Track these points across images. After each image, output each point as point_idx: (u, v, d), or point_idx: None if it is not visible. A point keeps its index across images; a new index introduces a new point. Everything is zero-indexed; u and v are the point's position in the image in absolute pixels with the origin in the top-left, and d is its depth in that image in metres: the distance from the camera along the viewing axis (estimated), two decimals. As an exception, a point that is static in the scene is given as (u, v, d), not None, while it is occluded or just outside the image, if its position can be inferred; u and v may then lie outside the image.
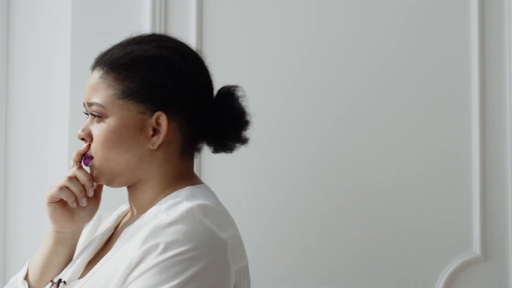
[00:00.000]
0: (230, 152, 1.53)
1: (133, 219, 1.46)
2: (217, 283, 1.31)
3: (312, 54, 2.00)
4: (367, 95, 1.98)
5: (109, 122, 1.39)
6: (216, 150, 1.52)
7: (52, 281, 1.44)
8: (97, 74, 1.43)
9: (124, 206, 1.59)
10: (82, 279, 1.38)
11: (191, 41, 1.99)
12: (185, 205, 1.32)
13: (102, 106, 1.39)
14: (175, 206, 1.34)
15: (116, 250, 1.37)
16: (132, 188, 1.46)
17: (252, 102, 1.93)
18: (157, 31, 2.00)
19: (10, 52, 2.14)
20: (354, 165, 1.97)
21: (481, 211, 1.96)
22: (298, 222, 1.98)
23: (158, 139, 1.40)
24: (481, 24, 1.98)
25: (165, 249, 1.27)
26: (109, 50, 1.46)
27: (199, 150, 1.53)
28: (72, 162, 1.44)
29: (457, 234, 1.97)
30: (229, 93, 1.51)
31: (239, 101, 1.51)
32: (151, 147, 1.41)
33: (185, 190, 1.41)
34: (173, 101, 1.41)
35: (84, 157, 1.43)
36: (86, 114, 1.46)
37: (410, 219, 1.97)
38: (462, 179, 1.97)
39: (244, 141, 1.52)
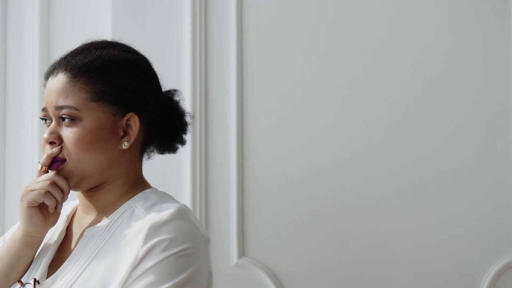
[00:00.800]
0: (174, 153, 1.59)
1: (94, 220, 1.48)
2: (209, 277, 1.41)
3: (352, 55, 2.00)
4: (408, 98, 1.98)
5: (85, 124, 1.41)
6: (163, 151, 1.58)
7: (20, 281, 1.46)
8: (63, 78, 1.44)
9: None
10: (62, 280, 1.41)
11: (231, 41, 2.00)
12: (173, 205, 1.39)
13: (77, 109, 1.41)
14: (155, 206, 1.41)
15: (95, 251, 1.40)
16: (94, 189, 1.48)
17: (287, 103, 1.94)
18: (197, 32, 2.00)
19: (51, 54, 2.16)
20: (403, 166, 1.98)
21: (525, 211, 1.96)
22: (335, 224, 1.99)
23: (129, 140, 1.46)
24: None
25: (168, 246, 1.34)
26: (71, 56, 1.47)
27: (152, 151, 1.58)
28: (40, 165, 1.45)
29: (501, 234, 1.97)
30: (171, 97, 1.57)
31: (181, 104, 1.57)
32: (122, 148, 1.45)
33: (150, 192, 1.48)
34: (142, 103, 1.46)
35: (54, 161, 1.44)
36: (44, 119, 1.47)
37: (455, 220, 1.96)
38: (505, 180, 1.96)
39: (184, 142, 1.59)
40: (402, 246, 1.97)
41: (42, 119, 1.48)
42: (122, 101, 1.44)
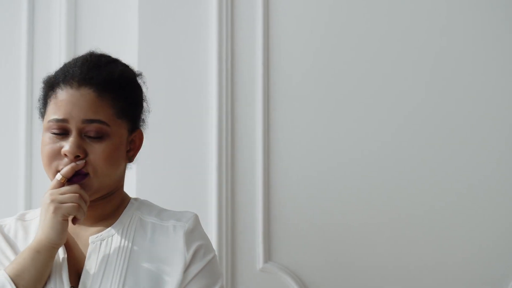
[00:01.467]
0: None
1: (93, 228, 1.50)
2: None
3: (378, 60, 2.00)
4: (432, 104, 1.99)
5: (112, 140, 1.45)
6: (130, 160, 1.58)
7: None
8: (90, 92, 1.44)
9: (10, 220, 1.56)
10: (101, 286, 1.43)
11: (258, 46, 2.00)
12: (186, 212, 1.49)
13: (108, 125, 1.44)
14: (164, 213, 1.50)
15: (125, 259, 1.44)
16: (95, 199, 1.49)
17: (313, 108, 1.94)
18: (224, 37, 2.01)
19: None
20: (429, 173, 1.98)
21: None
22: (363, 230, 1.99)
23: (134, 154, 1.52)
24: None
25: (206, 251, 1.47)
26: (89, 70, 1.46)
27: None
28: (60, 176, 1.43)
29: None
30: None
31: None
32: (129, 161, 1.52)
33: (142, 200, 1.55)
34: (142, 118, 1.54)
35: (75, 174, 1.42)
36: (58, 132, 1.44)
37: (481, 224, 1.97)
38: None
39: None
40: (428, 252, 1.97)
41: (55, 132, 1.44)
42: (133, 117, 1.50)
